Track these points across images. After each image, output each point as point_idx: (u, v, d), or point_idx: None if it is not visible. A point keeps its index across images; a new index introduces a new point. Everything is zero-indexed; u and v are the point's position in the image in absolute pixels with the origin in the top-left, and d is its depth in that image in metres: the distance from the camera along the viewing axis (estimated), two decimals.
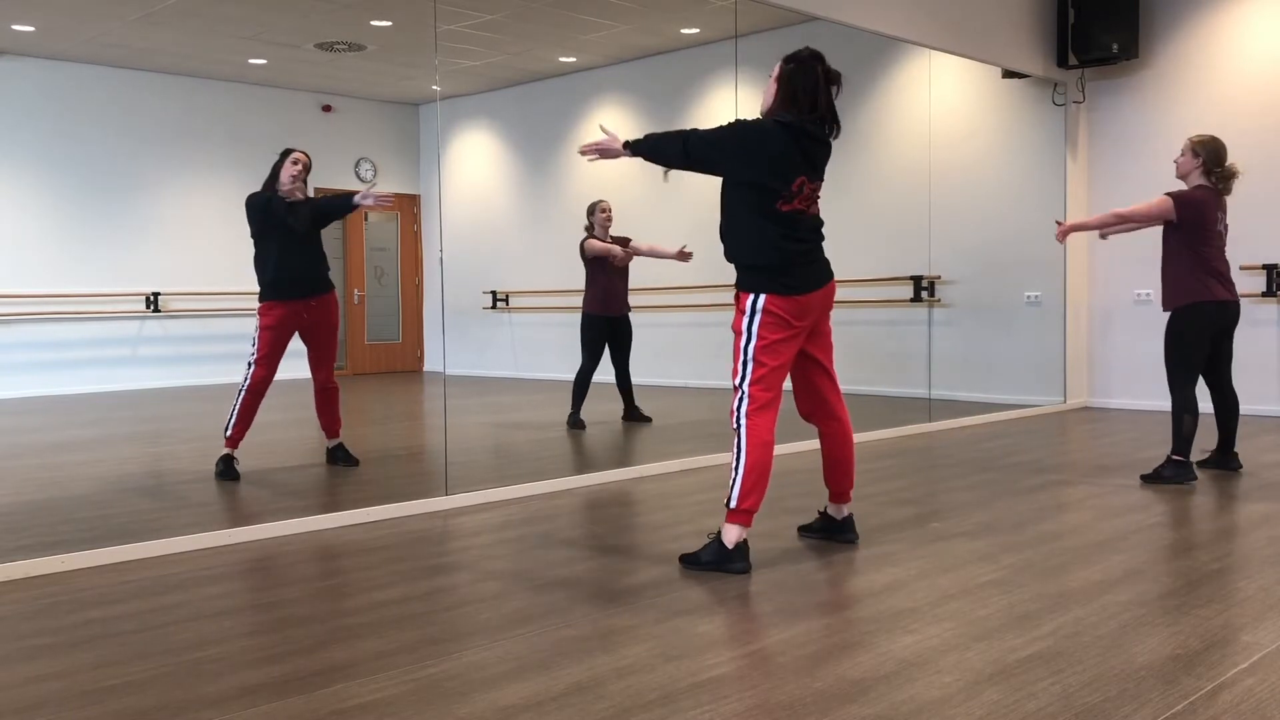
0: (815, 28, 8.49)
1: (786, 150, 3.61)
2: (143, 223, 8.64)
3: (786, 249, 3.63)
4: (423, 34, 7.07)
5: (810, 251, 3.73)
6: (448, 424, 5.54)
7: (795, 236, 3.66)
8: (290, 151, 5.45)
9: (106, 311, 8.46)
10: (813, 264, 3.73)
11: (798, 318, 3.64)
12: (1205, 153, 5.09)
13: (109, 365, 8.54)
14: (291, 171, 5.35)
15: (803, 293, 3.64)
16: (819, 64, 3.71)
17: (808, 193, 3.70)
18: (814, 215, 3.79)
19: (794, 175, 3.64)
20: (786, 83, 3.71)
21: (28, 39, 8.28)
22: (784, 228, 3.64)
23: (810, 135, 3.67)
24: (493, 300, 10.96)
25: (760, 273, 3.63)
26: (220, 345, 9.31)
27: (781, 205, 3.64)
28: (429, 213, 10.43)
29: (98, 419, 7.83)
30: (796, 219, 3.67)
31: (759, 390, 3.59)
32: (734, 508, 3.58)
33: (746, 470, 3.57)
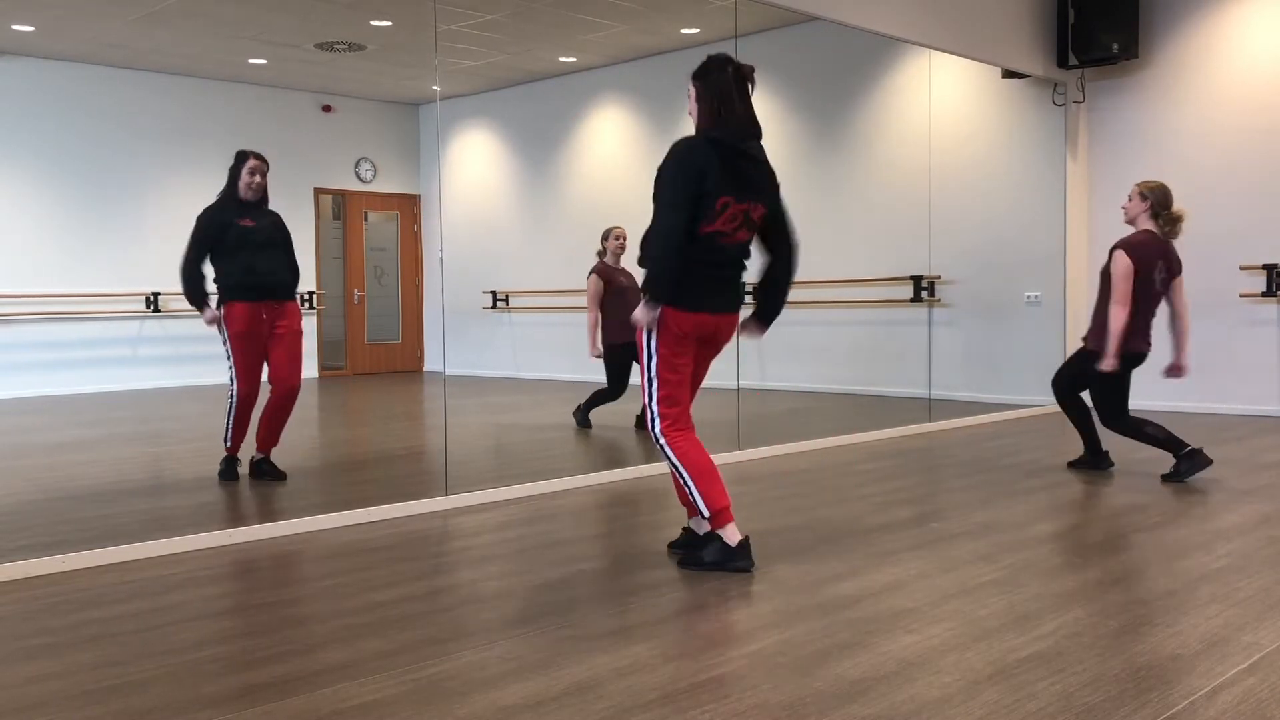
0: (815, 28, 8.50)
1: (709, 168, 3.49)
2: (143, 223, 8.64)
3: (697, 272, 3.55)
4: (423, 34, 7.08)
5: (722, 280, 3.63)
6: (448, 424, 5.54)
7: (711, 262, 3.57)
8: (246, 157, 5.33)
9: (106, 311, 8.45)
10: (718, 292, 3.63)
11: (690, 335, 3.59)
12: (1153, 196, 5.25)
13: (109, 365, 8.53)
14: (247, 181, 5.27)
15: (697, 311, 3.57)
16: (728, 66, 3.62)
17: (731, 213, 3.54)
18: (737, 243, 3.62)
19: (717, 195, 3.50)
20: (704, 99, 3.60)
21: (28, 39, 8.28)
22: (700, 250, 3.53)
23: (742, 154, 3.57)
24: (493, 300, 10.96)
25: (661, 285, 3.54)
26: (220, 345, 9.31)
27: (703, 226, 3.51)
28: (429, 213, 10.43)
29: (98, 419, 7.83)
30: (713, 244, 3.55)
31: (666, 408, 3.61)
32: (709, 515, 3.58)
33: (694, 479, 3.57)
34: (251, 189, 5.28)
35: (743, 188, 3.57)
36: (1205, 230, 7.91)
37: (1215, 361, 7.88)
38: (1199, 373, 7.97)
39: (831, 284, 9.37)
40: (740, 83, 3.62)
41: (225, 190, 5.35)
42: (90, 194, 8.69)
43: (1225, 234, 7.80)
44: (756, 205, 3.62)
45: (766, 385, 9.38)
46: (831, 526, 4.24)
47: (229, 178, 5.36)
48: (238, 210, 5.28)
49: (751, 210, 3.60)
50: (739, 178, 3.56)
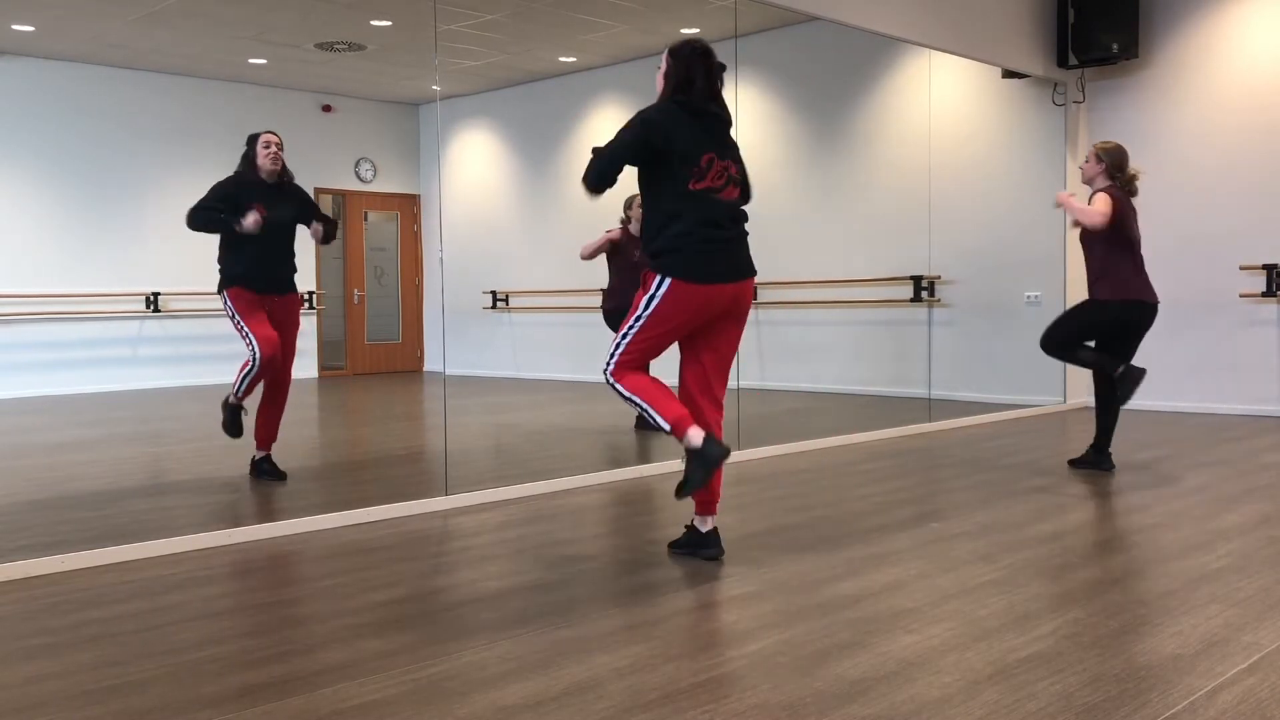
0: (815, 28, 8.50)
1: (686, 125, 3.57)
2: (143, 223, 8.64)
3: (696, 233, 3.55)
4: (423, 34, 7.08)
5: (726, 241, 3.62)
6: (448, 424, 5.54)
7: (711, 220, 3.58)
8: (258, 135, 5.20)
9: (106, 311, 8.46)
10: (727, 255, 3.63)
11: (696, 310, 3.59)
12: (1109, 158, 5.33)
13: (109, 365, 8.54)
14: (266, 154, 5.13)
15: (709, 282, 3.56)
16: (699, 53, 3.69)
17: (718, 169, 3.60)
18: (730, 200, 3.67)
19: (699, 150, 3.57)
20: (671, 74, 3.69)
21: (28, 39, 8.28)
22: (699, 209, 3.56)
23: (705, 111, 3.63)
24: (493, 300, 10.96)
25: (668, 256, 3.56)
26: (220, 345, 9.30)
27: (693, 184, 3.56)
28: (429, 213, 10.44)
29: (98, 419, 7.83)
30: (709, 201, 3.58)
31: (628, 357, 3.63)
32: (670, 426, 3.52)
33: (646, 400, 3.56)
34: (270, 158, 5.12)
35: (721, 144, 3.65)
36: (1205, 230, 7.91)
37: (1215, 361, 7.88)
38: (1199, 373, 7.98)
39: (832, 284, 9.37)
40: (709, 68, 3.68)
41: (241, 168, 5.19)
42: (90, 194, 8.69)
43: (1225, 234, 7.80)
44: (733, 163, 3.69)
45: (766, 385, 9.38)
46: (831, 526, 4.24)
47: (243, 162, 5.20)
48: (254, 192, 5.09)
49: (733, 168, 3.68)
50: (713, 134, 3.64)
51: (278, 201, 5.17)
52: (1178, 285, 8.07)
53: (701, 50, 3.70)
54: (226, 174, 5.27)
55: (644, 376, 3.66)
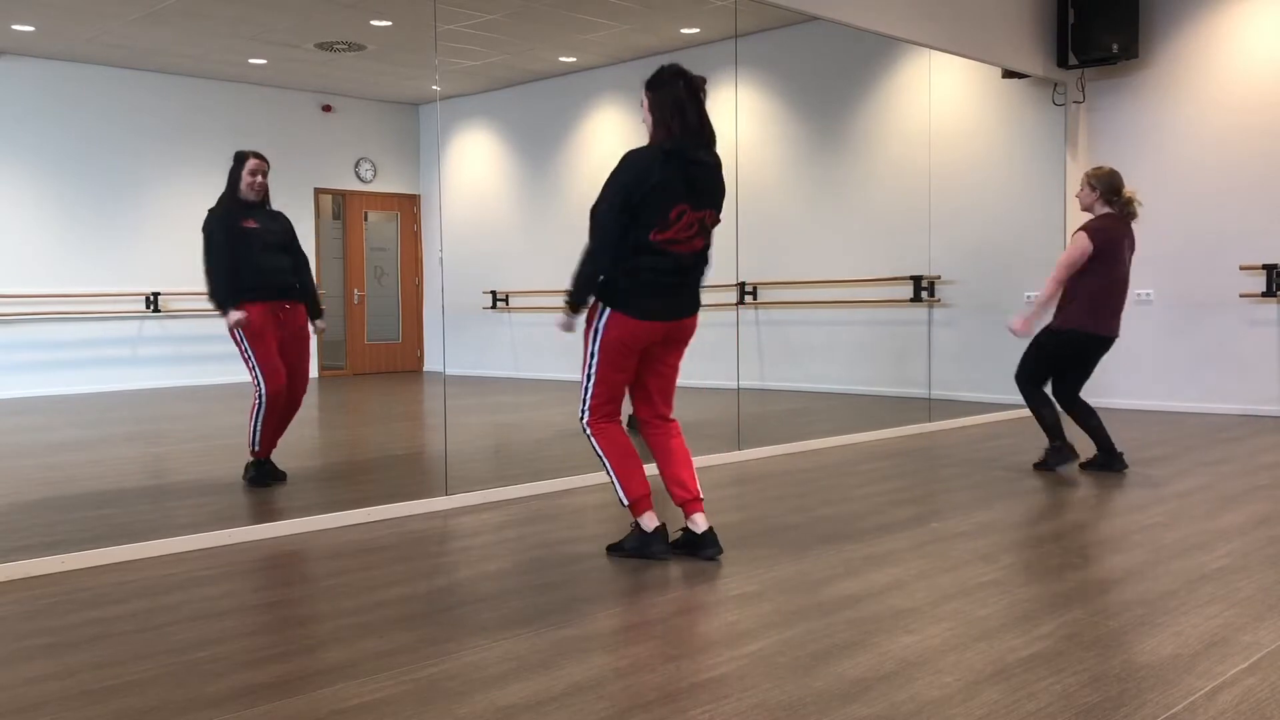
0: (815, 28, 8.50)
1: (665, 179, 3.55)
2: (143, 223, 8.64)
3: (645, 279, 3.62)
4: (423, 34, 7.08)
5: (668, 286, 3.67)
6: (448, 424, 5.54)
7: (657, 268, 3.62)
8: (245, 157, 5.27)
9: (106, 311, 8.45)
10: (667, 297, 3.68)
11: (639, 339, 3.68)
12: (1101, 185, 5.34)
13: (109, 365, 8.53)
14: (249, 181, 5.20)
15: (644, 319, 3.65)
16: (680, 79, 3.64)
17: (687, 222, 3.60)
18: (692, 251, 3.67)
19: (671, 204, 3.57)
20: (656, 109, 3.66)
21: (28, 39, 8.28)
22: (650, 258, 3.60)
23: (694, 160, 3.61)
24: (493, 300, 10.96)
25: (612, 289, 3.64)
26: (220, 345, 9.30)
27: (654, 234, 3.57)
28: (429, 213, 10.43)
29: (98, 419, 7.83)
30: (664, 252, 3.60)
31: (598, 403, 3.76)
32: (628, 503, 3.74)
33: (615, 470, 3.74)
34: (254, 189, 5.22)
35: (699, 195, 3.63)
36: (1205, 230, 7.91)
37: (1215, 361, 7.88)
38: (1199, 373, 7.98)
39: (832, 284, 9.37)
40: (693, 94, 3.64)
41: (226, 193, 5.28)
42: (90, 194, 8.69)
43: (1225, 234, 7.80)
44: (711, 212, 3.70)
45: (766, 385, 9.38)
46: (831, 526, 4.24)
47: (229, 179, 5.29)
48: (241, 211, 5.20)
49: (707, 218, 3.69)
50: (694, 186, 3.61)
51: (266, 217, 5.28)
52: (1178, 285, 8.07)
53: (675, 72, 3.65)
54: (225, 174, 5.31)
55: (618, 438, 3.77)
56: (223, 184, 5.39)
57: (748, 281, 9.15)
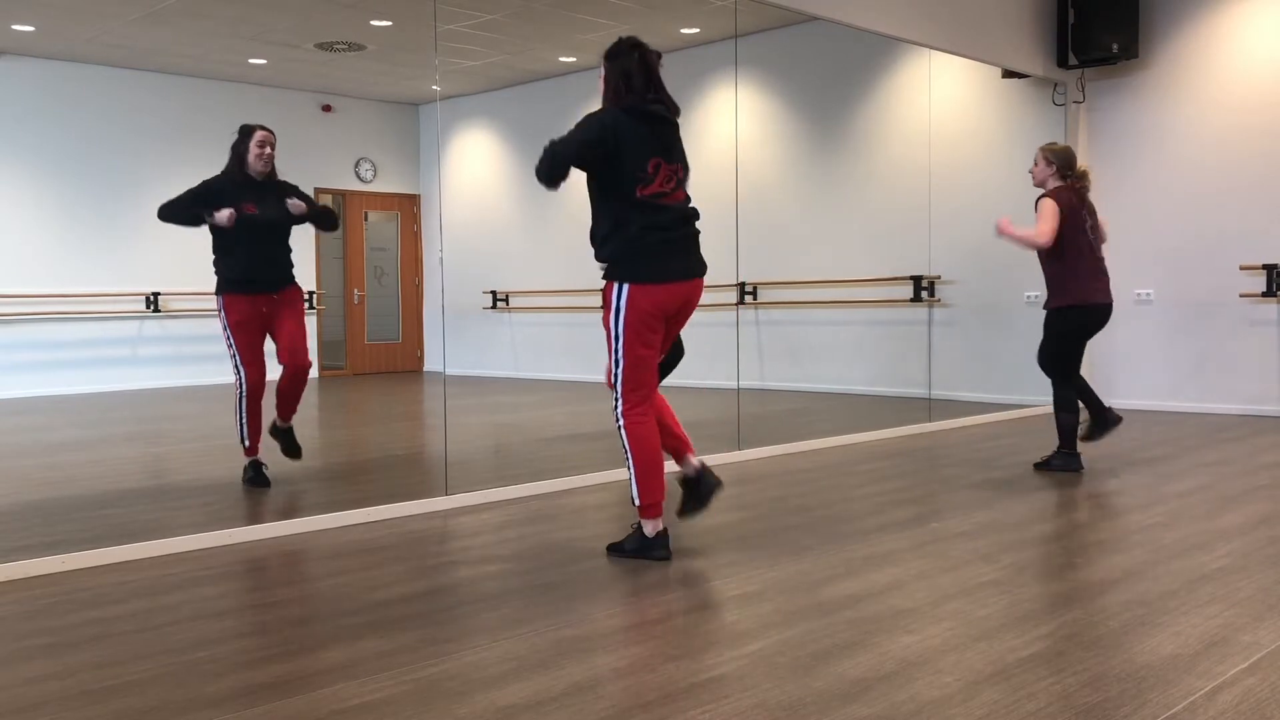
0: (815, 28, 8.50)
1: (634, 132, 3.60)
2: (143, 223, 8.63)
3: (646, 239, 3.62)
4: (423, 34, 7.08)
5: (675, 241, 3.69)
6: (448, 424, 5.54)
7: (657, 225, 3.64)
8: (253, 130, 5.09)
9: (106, 311, 8.46)
10: (678, 254, 3.70)
11: (662, 308, 3.66)
12: (1057, 159, 5.40)
13: (109, 365, 8.53)
14: (258, 153, 5.03)
15: (665, 281, 3.64)
16: (636, 50, 3.70)
17: (665, 174, 3.66)
18: (679, 202, 3.72)
19: (647, 156, 3.62)
20: (609, 78, 3.71)
21: (28, 39, 8.28)
22: (645, 215, 3.62)
23: (653, 116, 3.67)
24: (493, 300, 10.96)
25: (623, 263, 3.65)
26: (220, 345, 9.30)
27: (640, 190, 3.61)
28: (429, 213, 10.43)
29: (98, 419, 7.83)
30: (657, 206, 3.64)
31: (629, 389, 3.69)
32: (639, 505, 3.73)
33: (637, 471, 3.70)
34: (262, 159, 5.03)
35: (668, 149, 3.70)
36: (1205, 230, 7.91)
37: (1215, 361, 7.88)
38: (1199, 373, 7.98)
39: (832, 284, 9.37)
40: (645, 64, 3.69)
41: (231, 167, 5.09)
42: (90, 194, 8.69)
43: (1225, 234, 7.80)
44: (681, 166, 3.75)
45: (766, 385, 9.38)
46: (832, 526, 4.24)
47: (232, 155, 5.10)
48: (243, 190, 5.00)
49: (680, 171, 3.74)
50: (661, 140, 3.68)
51: (268, 199, 5.07)
52: (1178, 285, 8.07)
53: (631, 44, 3.72)
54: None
55: (650, 439, 3.71)
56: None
57: (748, 281, 9.15)
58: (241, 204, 4.97)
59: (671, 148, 3.72)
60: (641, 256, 3.63)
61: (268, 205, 5.05)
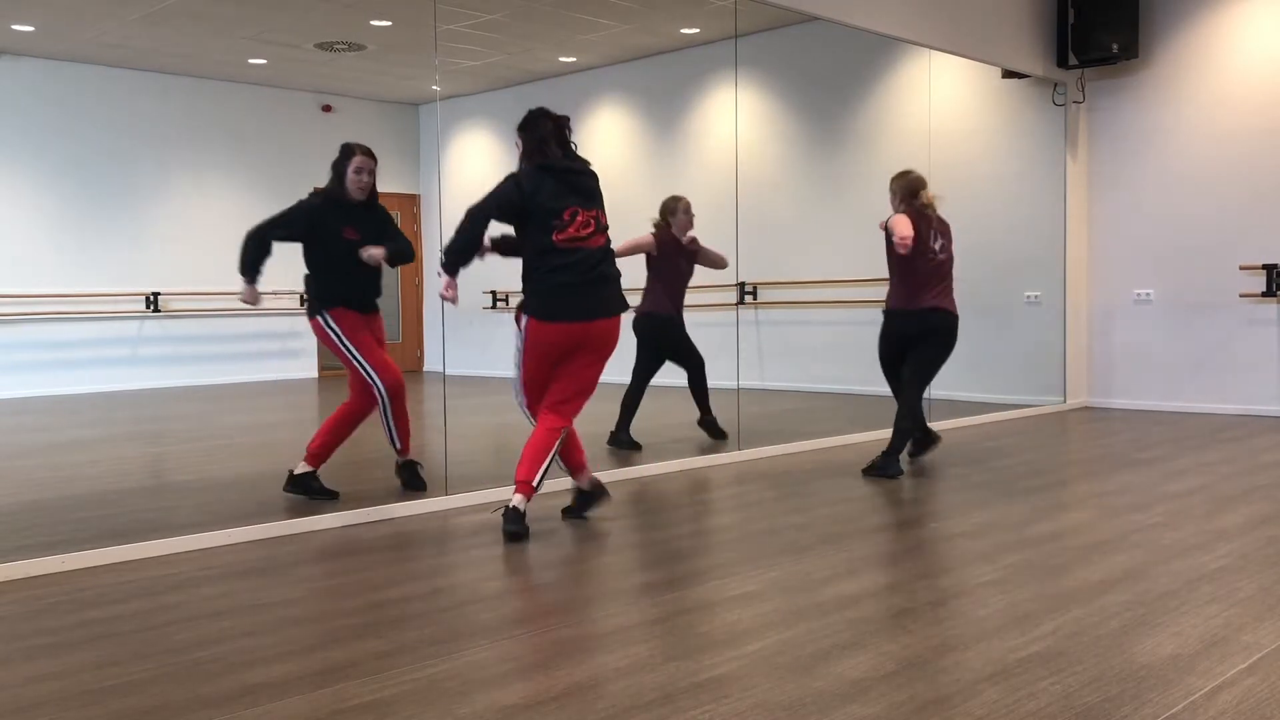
0: (815, 28, 8.50)
1: (541, 186, 4.05)
2: (143, 223, 8.64)
3: (553, 280, 4.05)
4: (423, 34, 7.07)
5: (579, 285, 4.06)
6: (448, 424, 5.54)
7: (565, 266, 4.04)
8: (352, 152, 4.96)
9: (106, 311, 8.46)
10: (581, 297, 4.07)
11: (555, 344, 4.10)
12: (900, 190, 5.89)
13: (109, 365, 8.54)
14: (355, 180, 4.88)
15: (561, 321, 4.07)
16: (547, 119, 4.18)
17: (581, 220, 4.06)
18: (595, 247, 4.10)
19: (560, 206, 4.04)
20: (525, 145, 4.19)
21: (28, 39, 8.28)
22: (557, 259, 4.05)
23: (566, 169, 4.10)
24: (493, 300, 10.96)
25: (529, 299, 4.12)
26: (220, 345, 9.30)
27: (556, 236, 4.04)
28: (429, 213, 10.43)
29: (98, 419, 7.83)
30: (571, 251, 4.05)
31: (528, 390, 4.26)
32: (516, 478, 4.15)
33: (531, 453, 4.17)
34: (360, 188, 4.89)
35: (585, 196, 4.11)
36: (1205, 230, 7.91)
37: (1215, 361, 7.88)
38: (1199, 373, 7.97)
39: (832, 284, 9.37)
40: (558, 129, 4.17)
41: (331, 187, 4.92)
42: (90, 194, 8.69)
43: (1225, 234, 7.80)
44: (598, 212, 4.15)
45: (766, 385, 9.38)
46: (831, 526, 4.24)
47: (334, 172, 4.93)
48: (344, 214, 4.85)
49: (599, 216, 4.14)
50: (576, 188, 4.10)
51: (368, 221, 4.94)
52: (1178, 285, 8.07)
53: (540, 114, 4.18)
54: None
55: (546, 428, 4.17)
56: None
57: (748, 281, 9.15)
58: (343, 229, 4.83)
59: (587, 195, 4.12)
60: (545, 297, 4.08)
61: (366, 230, 4.89)
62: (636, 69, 10.07)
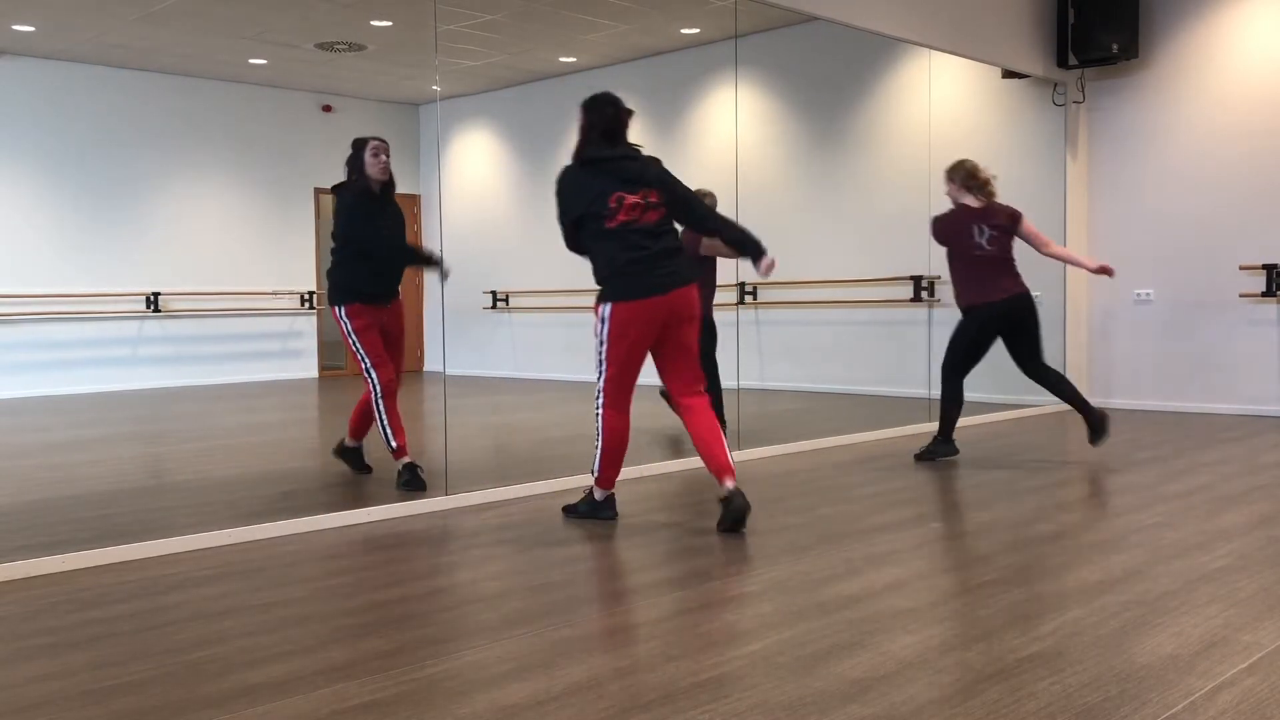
0: (815, 28, 8.50)
1: (590, 180, 4.14)
2: (143, 223, 8.64)
3: (620, 260, 4.10)
4: (423, 34, 7.07)
5: (646, 259, 4.10)
6: (448, 424, 5.54)
7: (631, 245, 4.10)
8: (365, 141, 5.13)
9: (106, 311, 8.46)
10: (652, 270, 4.10)
11: (640, 324, 4.10)
12: (958, 175, 5.89)
13: (109, 365, 8.54)
14: (373, 163, 5.07)
15: (641, 297, 4.08)
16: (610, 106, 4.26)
17: (629, 204, 4.11)
18: (649, 223, 4.15)
19: (604, 196, 4.11)
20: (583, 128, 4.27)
21: (28, 39, 8.28)
22: (615, 242, 4.11)
23: (609, 158, 4.16)
24: (493, 300, 10.96)
25: (604, 285, 4.16)
26: (220, 345, 9.30)
27: (608, 223, 4.11)
28: (429, 213, 10.43)
29: (98, 419, 7.83)
30: (625, 232, 4.11)
31: (610, 388, 4.22)
32: (596, 476, 4.32)
33: (603, 452, 4.28)
34: (379, 166, 5.07)
35: (629, 180, 4.14)
36: (1205, 230, 7.91)
37: (1215, 361, 7.88)
38: (1199, 373, 7.98)
39: (831, 284, 9.37)
40: (618, 118, 4.24)
41: (352, 180, 5.09)
42: (90, 194, 8.69)
43: (1225, 234, 7.80)
44: (649, 191, 4.16)
45: (766, 385, 9.38)
46: (831, 526, 4.24)
47: (351, 168, 5.10)
48: (373, 204, 5.05)
49: (647, 195, 4.15)
50: (619, 174, 4.14)
51: (388, 210, 5.13)
52: (1178, 285, 8.07)
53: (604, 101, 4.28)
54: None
55: (619, 425, 4.25)
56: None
57: (748, 281, 9.15)
58: (375, 220, 5.05)
59: (634, 180, 4.15)
60: (619, 279, 4.11)
61: (388, 221, 5.10)
62: (636, 69, 10.07)
